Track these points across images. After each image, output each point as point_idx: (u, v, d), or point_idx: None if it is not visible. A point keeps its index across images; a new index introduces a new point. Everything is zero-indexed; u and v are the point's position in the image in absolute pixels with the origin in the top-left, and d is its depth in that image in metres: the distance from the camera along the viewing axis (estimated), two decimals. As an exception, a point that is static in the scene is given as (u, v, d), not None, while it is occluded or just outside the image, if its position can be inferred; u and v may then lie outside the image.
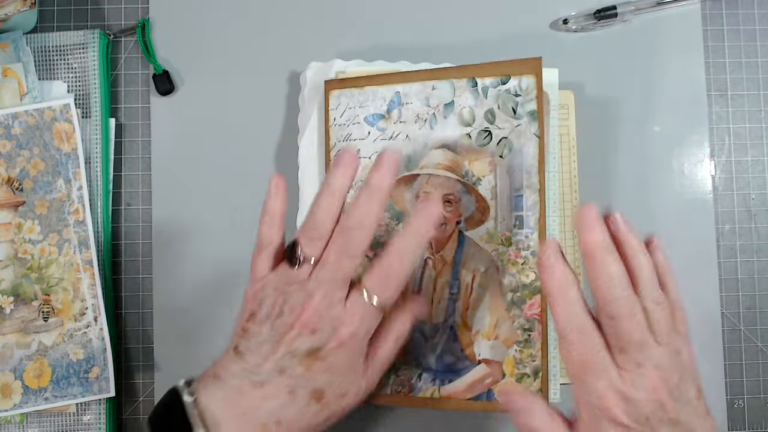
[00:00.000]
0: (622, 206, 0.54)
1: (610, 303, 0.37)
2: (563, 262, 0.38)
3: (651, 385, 0.36)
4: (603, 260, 0.37)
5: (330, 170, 0.40)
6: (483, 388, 0.49)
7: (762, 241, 0.55)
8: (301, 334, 0.38)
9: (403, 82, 0.51)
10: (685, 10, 0.56)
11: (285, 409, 0.37)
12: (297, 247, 0.39)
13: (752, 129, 0.56)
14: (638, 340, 0.36)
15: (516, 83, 0.49)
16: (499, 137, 0.49)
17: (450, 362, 0.49)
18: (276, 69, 0.55)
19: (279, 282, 0.39)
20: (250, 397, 0.37)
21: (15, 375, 0.51)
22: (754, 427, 0.54)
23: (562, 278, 0.38)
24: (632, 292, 0.37)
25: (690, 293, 0.54)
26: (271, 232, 0.41)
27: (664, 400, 0.36)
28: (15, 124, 0.52)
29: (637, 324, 0.36)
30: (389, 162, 0.39)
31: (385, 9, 0.56)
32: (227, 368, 0.39)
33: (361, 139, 0.51)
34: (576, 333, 0.37)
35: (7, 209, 0.52)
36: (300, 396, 0.38)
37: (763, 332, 0.54)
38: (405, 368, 0.50)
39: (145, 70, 0.56)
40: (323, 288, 0.38)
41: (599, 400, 0.36)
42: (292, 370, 0.38)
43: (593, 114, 0.55)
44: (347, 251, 0.39)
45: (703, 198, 0.55)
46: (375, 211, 0.39)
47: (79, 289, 0.52)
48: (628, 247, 0.39)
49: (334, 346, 0.38)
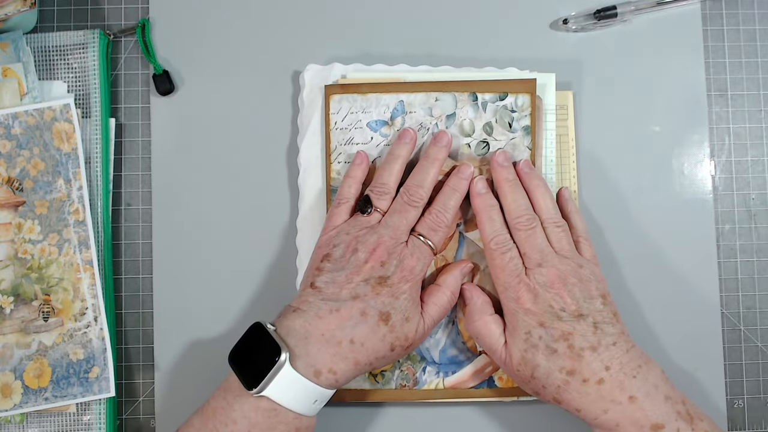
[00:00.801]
0: (622, 206, 0.54)
1: (516, 219, 0.48)
2: (490, 191, 0.50)
3: (549, 280, 0.46)
4: (510, 190, 0.49)
5: (395, 143, 0.51)
6: (484, 377, 0.52)
7: (762, 241, 0.55)
8: (374, 267, 0.46)
9: (407, 92, 0.52)
10: (685, 10, 0.56)
11: (358, 327, 0.45)
12: (369, 199, 0.49)
13: (752, 129, 0.56)
14: (539, 247, 0.47)
15: (513, 100, 0.52)
16: (495, 148, 0.52)
17: (453, 355, 0.52)
18: (276, 69, 0.55)
19: (352, 228, 0.48)
20: (327, 320, 0.45)
21: (15, 375, 0.52)
22: (754, 427, 0.54)
23: (487, 201, 0.49)
24: (534, 214, 0.49)
25: (690, 293, 0.54)
26: (350, 191, 0.50)
27: (562, 294, 0.46)
28: (15, 124, 0.52)
29: (538, 235, 0.48)
30: (445, 139, 0.50)
31: (385, 10, 0.56)
32: (306, 301, 0.46)
33: (364, 143, 0.52)
34: (495, 243, 0.48)
35: (7, 209, 0.52)
36: (370, 316, 0.45)
37: (763, 332, 0.54)
38: (409, 363, 0.52)
39: (145, 70, 0.56)
40: (391, 231, 0.47)
41: (514, 293, 0.47)
42: (364, 295, 0.45)
43: (593, 114, 0.55)
44: (411, 203, 0.48)
45: (703, 198, 0.55)
46: (432, 173, 0.49)
47: (79, 289, 0.52)
48: (532, 184, 0.50)
49: (399, 276, 0.46)
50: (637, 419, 0.43)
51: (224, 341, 0.53)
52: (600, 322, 0.45)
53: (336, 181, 0.52)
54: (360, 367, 0.45)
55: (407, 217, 0.48)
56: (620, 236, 0.54)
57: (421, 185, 0.49)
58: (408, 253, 0.47)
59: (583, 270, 0.47)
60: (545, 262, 0.47)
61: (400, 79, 0.53)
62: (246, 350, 0.45)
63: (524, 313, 0.46)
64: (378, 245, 0.47)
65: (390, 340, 0.45)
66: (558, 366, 0.44)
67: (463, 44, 0.55)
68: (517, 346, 0.46)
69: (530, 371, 0.45)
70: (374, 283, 0.46)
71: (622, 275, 0.54)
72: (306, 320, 0.45)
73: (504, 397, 0.52)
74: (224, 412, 0.44)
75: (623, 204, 0.54)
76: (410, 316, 0.46)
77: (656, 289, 0.54)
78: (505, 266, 0.47)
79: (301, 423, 0.44)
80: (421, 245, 0.48)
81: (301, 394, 0.43)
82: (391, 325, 0.45)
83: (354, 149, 0.52)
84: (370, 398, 0.52)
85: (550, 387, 0.45)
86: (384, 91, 0.52)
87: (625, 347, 0.45)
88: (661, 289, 0.54)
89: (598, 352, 0.44)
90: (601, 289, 0.47)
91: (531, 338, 0.45)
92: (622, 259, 0.54)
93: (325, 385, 0.44)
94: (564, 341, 0.44)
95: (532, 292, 0.46)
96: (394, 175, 0.50)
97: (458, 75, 0.54)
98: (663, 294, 0.54)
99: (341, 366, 0.44)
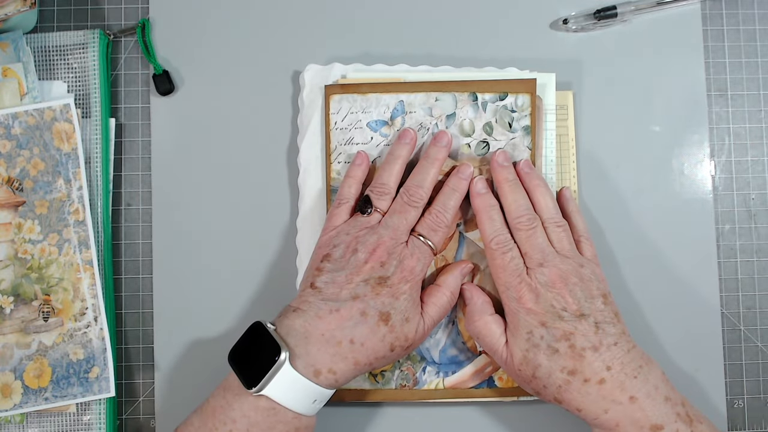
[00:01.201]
0: (622, 206, 0.54)
1: (516, 219, 0.48)
2: (490, 191, 0.50)
3: (550, 279, 0.46)
4: (510, 190, 0.49)
5: (395, 143, 0.51)
6: (484, 377, 0.52)
7: (762, 241, 0.55)
8: (374, 267, 0.46)
9: (407, 92, 0.52)
10: (685, 10, 0.56)
11: (358, 328, 0.45)
12: (369, 200, 0.49)
13: (752, 129, 0.56)
14: (540, 246, 0.47)
15: (513, 100, 0.52)
16: (495, 148, 0.52)
17: (453, 355, 0.52)
18: (276, 69, 0.55)
19: (352, 228, 0.48)
20: (327, 321, 0.45)
21: (15, 375, 0.52)
22: (754, 427, 0.54)
23: (487, 201, 0.49)
24: (535, 214, 0.48)
25: (690, 293, 0.54)
26: (350, 192, 0.50)
27: (563, 294, 0.46)
28: (15, 124, 0.52)
29: (539, 235, 0.48)
30: (445, 139, 0.50)
31: (385, 10, 0.56)
32: (306, 301, 0.46)
33: (364, 143, 0.52)
34: (496, 242, 0.48)
35: (7, 209, 0.52)
36: (370, 316, 0.45)
37: (763, 332, 0.54)
38: (408, 363, 0.52)
39: (145, 70, 0.56)
40: (391, 231, 0.47)
41: (516, 292, 0.46)
42: (364, 295, 0.45)
43: (593, 114, 0.55)
44: (411, 203, 0.49)
45: (703, 198, 0.55)
46: (432, 174, 0.50)
47: (79, 289, 0.52)
48: (532, 183, 0.50)
49: (399, 276, 0.46)
50: (637, 419, 0.43)
51: (224, 341, 0.53)
52: (601, 321, 0.45)
53: (336, 181, 0.52)
54: (360, 368, 0.45)
55: (407, 218, 0.48)
56: (620, 236, 0.54)
57: (421, 185, 0.49)
58: (408, 254, 0.47)
59: (584, 269, 0.47)
60: (546, 262, 0.47)
61: (400, 79, 0.53)
62: (246, 349, 0.45)
63: (526, 313, 0.46)
64: (378, 246, 0.47)
65: (390, 341, 0.46)
66: (559, 366, 0.44)
67: (463, 44, 0.55)
68: (519, 346, 0.46)
69: (532, 371, 0.45)
70: (374, 283, 0.46)
71: (622, 275, 0.54)
72: (306, 320, 0.45)
73: (504, 397, 0.52)
74: (223, 411, 0.44)
75: (623, 204, 0.54)
76: (410, 317, 0.46)
77: (656, 289, 0.54)
78: (506, 266, 0.47)
79: (301, 423, 0.44)
80: (421, 245, 0.48)
81: (301, 393, 0.44)
82: (391, 325, 0.45)
83: (354, 149, 0.52)
84: (370, 398, 0.52)
85: (551, 387, 0.45)
86: (384, 91, 0.52)
87: (626, 347, 0.45)
88: (661, 289, 0.54)
89: (599, 352, 0.44)
90: (602, 289, 0.47)
91: (533, 338, 0.45)
92: (622, 259, 0.54)
93: (324, 385, 0.44)
94: (565, 341, 0.45)
95: (534, 292, 0.46)
96: (394, 175, 0.50)
97: (458, 75, 0.54)
98: (663, 294, 0.54)
99: (341, 366, 0.44)
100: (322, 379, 0.44)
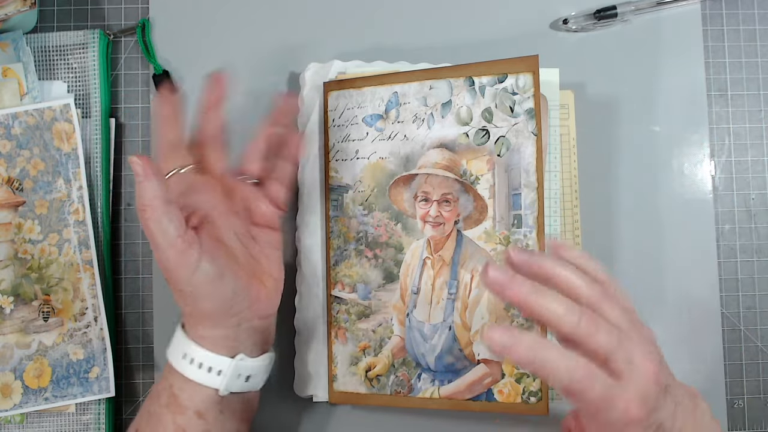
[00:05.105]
0: (622, 206, 0.54)
1: (572, 333, 0.36)
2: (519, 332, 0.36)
3: (645, 371, 0.36)
4: (536, 303, 0.36)
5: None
6: (482, 389, 0.48)
7: (762, 241, 0.55)
8: None
9: (400, 82, 0.51)
10: (685, 10, 0.56)
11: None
12: None
13: (752, 129, 0.56)
14: (615, 343, 0.36)
15: (513, 81, 0.48)
16: (496, 136, 0.49)
17: (449, 362, 0.49)
18: (276, 69, 0.55)
19: None
20: None
21: (15, 375, 0.52)
22: (754, 427, 0.54)
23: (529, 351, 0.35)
24: (579, 307, 0.36)
25: (690, 293, 0.54)
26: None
27: (658, 376, 0.36)
28: (15, 124, 0.52)
29: (604, 332, 0.36)
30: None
31: (384, 9, 0.56)
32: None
33: (360, 139, 0.52)
34: (574, 382, 0.35)
35: (7, 209, 0.52)
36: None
37: (763, 332, 0.54)
38: (404, 368, 0.50)
39: (145, 70, 0.56)
40: None
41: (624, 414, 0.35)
42: None
43: (593, 114, 0.55)
44: None
45: (703, 198, 0.55)
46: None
47: (79, 289, 0.52)
48: (543, 270, 0.38)
49: None
50: None
51: (224, 341, 0.53)
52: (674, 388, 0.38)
53: (334, 179, 0.52)
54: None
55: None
56: (620, 236, 0.54)
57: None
58: None
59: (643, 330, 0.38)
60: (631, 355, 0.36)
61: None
62: None
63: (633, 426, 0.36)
64: None
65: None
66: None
67: (463, 44, 0.55)
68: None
69: None
70: None
71: (621, 275, 0.54)
72: None
73: (503, 412, 0.48)
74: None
75: (623, 204, 0.54)
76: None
77: (656, 289, 0.54)
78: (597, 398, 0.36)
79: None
80: None
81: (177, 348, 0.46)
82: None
83: (350, 146, 0.52)
84: (365, 402, 0.51)
85: None
86: (378, 83, 0.51)
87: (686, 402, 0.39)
88: (661, 288, 0.54)
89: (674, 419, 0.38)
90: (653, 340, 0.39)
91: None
92: (622, 259, 0.54)
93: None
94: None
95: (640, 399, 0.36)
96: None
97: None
98: (663, 294, 0.54)
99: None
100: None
